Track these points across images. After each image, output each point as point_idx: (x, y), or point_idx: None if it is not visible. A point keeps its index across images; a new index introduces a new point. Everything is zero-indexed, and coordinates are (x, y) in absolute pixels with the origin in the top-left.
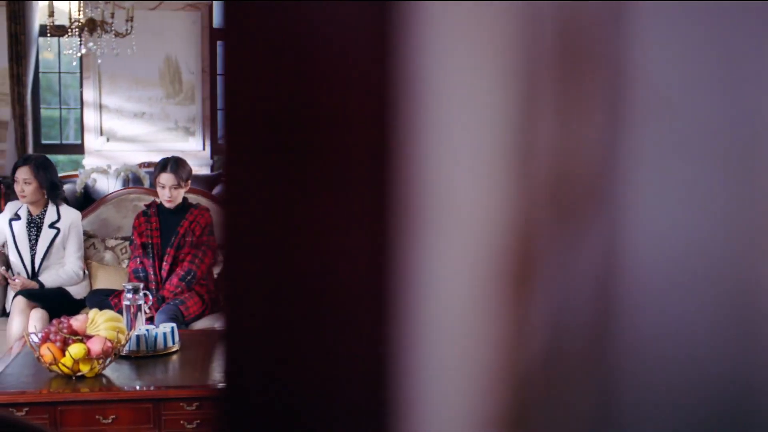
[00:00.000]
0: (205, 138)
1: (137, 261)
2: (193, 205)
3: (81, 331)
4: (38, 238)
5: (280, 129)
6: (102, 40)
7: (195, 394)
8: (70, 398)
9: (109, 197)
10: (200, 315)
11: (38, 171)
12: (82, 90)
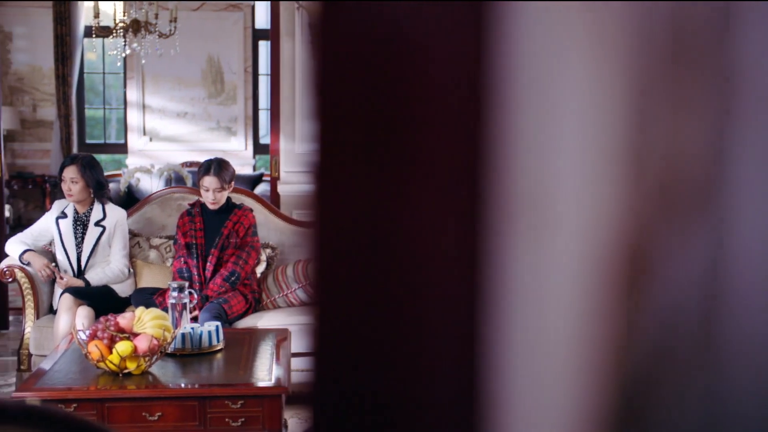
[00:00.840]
0: (246, 138)
1: (181, 261)
2: (236, 205)
3: (128, 329)
4: (84, 236)
5: (373, 129)
6: (146, 40)
7: (240, 392)
8: (118, 395)
9: (153, 196)
10: (243, 314)
11: (85, 170)
12: (126, 90)
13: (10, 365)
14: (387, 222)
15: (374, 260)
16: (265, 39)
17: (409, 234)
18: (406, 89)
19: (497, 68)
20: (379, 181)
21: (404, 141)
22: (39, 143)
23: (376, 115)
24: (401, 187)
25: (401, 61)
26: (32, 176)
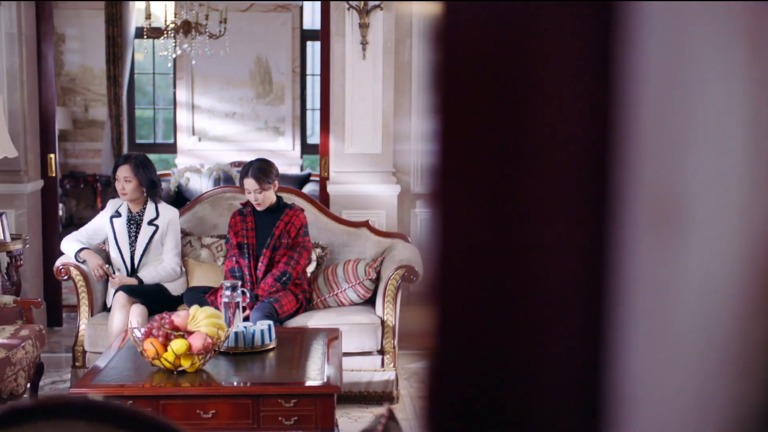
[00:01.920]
0: (294, 138)
1: (233, 260)
2: (288, 205)
3: (182, 327)
4: (138, 235)
5: (497, 128)
6: (196, 41)
7: (293, 391)
8: (172, 392)
9: (204, 196)
10: (294, 313)
11: (138, 169)
12: (176, 90)
13: (63, 362)
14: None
15: (497, 261)
16: (312, 39)
17: (533, 234)
18: (531, 89)
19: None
20: (503, 180)
21: (528, 141)
22: (90, 143)
23: (499, 115)
24: (525, 187)
25: (525, 60)
26: (84, 175)
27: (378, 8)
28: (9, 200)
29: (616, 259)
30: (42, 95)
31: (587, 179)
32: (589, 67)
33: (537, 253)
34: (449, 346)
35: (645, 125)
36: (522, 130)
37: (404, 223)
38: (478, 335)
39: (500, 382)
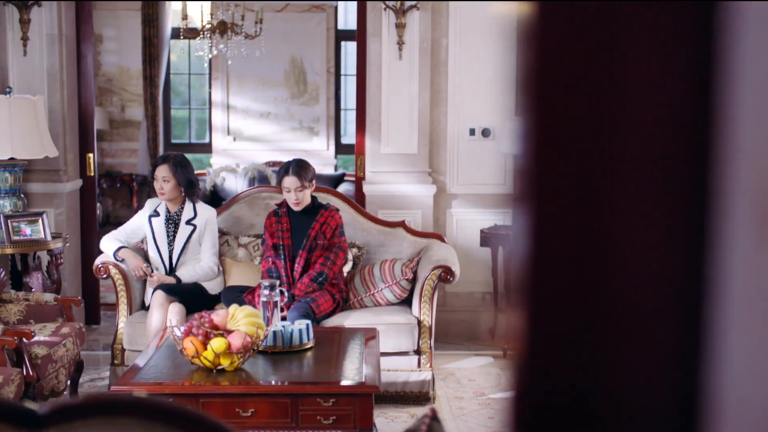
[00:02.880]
0: (328, 138)
1: (269, 261)
2: (323, 205)
3: (222, 326)
4: (176, 234)
5: (591, 130)
6: (232, 41)
7: (332, 390)
8: (212, 391)
9: (241, 195)
10: (331, 313)
11: (176, 169)
12: (211, 90)
13: (101, 359)
14: (605, 221)
15: (590, 260)
16: (347, 39)
17: (628, 233)
18: (627, 89)
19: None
20: (597, 180)
21: (624, 140)
22: (127, 143)
23: (593, 115)
24: (620, 186)
25: (622, 61)
26: (120, 175)
27: (414, 8)
28: (49, 199)
29: (715, 257)
30: (81, 95)
31: (685, 177)
32: (687, 66)
33: (632, 252)
34: (540, 347)
35: (745, 121)
36: (617, 129)
37: (440, 223)
38: (571, 335)
39: (592, 384)
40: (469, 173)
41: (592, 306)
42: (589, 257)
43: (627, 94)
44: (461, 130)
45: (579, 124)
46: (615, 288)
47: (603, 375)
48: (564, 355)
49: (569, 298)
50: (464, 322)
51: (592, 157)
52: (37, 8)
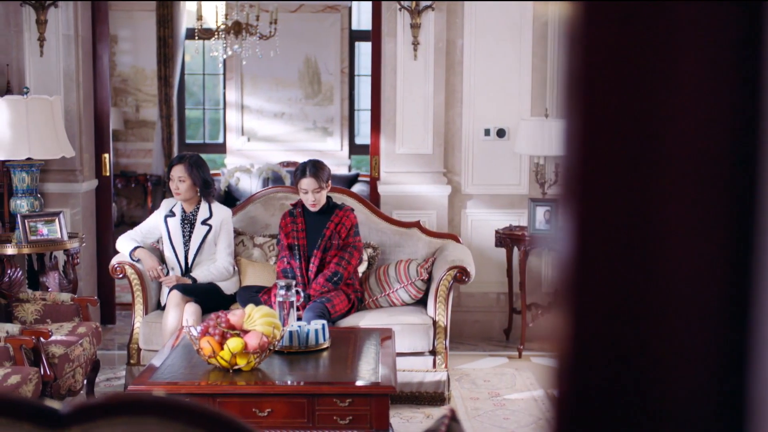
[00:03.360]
0: (342, 138)
1: (284, 261)
2: (338, 205)
3: (238, 326)
4: (191, 234)
5: (639, 130)
6: (246, 42)
7: (348, 390)
8: (228, 390)
9: (257, 195)
10: (346, 313)
11: (192, 169)
12: (225, 91)
13: (116, 359)
14: (650, 224)
15: (635, 262)
16: (361, 40)
17: (673, 236)
18: (673, 90)
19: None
20: (642, 182)
21: (670, 142)
22: (141, 143)
23: (640, 115)
24: (665, 189)
25: (668, 62)
26: (135, 175)
27: (429, 8)
28: (65, 199)
29: (759, 262)
30: (97, 96)
31: (731, 179)
32: (734, 67)
33: (678, 254)
34: (585, 349)
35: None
36: (663, 130)
37: (454, 224)
38: (616, 337)
39: (637, 385)
40: (483, 174)
41: (637, 308)
42: (634, 258)
43: (673, 95)
44: (476, 130)
45: (625, 125)
46: (660, 290)
47: (647, 377)
48: (608, 358)
49: (614, 299)
50: (479, 322)
51: (637, 158)
52: (53, 9)
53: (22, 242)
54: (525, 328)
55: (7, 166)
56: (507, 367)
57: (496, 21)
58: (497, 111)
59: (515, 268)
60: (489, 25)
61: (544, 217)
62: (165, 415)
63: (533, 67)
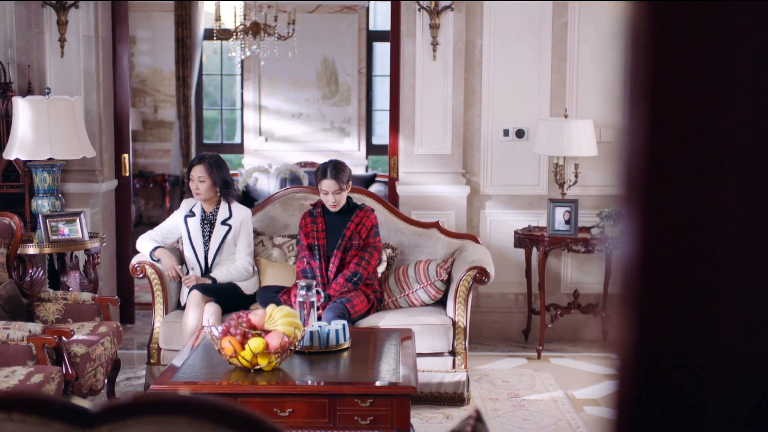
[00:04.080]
0: (360, 138)
1: (304, 261)
2: (358, 206)
3: (259, 326)
4: (211, 234)
5: (703, 134)
6: (264, 42)
7: (369, 390)
8: (250, 390)
9: (276, 196)
10: (366, 313)
11: (212, 169)
12: (243, 91)
13: (136, 358)
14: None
15: (699, 264)
16: (378, 40)
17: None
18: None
19: None
20: (707, 183)
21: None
22: (159, 143)
23: (705, 116)
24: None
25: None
26: (153, 175)
27: (449, 9)
28: (85, 199)
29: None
30: (117, 96)
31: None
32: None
33: (743, 256)
34: (649, 353)
35: None
36: (728, 131)
37: (473, 224)
38: (680, 340)
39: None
40: (502, 174)
41: (700, 309)
42: (699, 261)
43: (737, 96)
44: (495, 130)
45: (690, 126)
46: (724, 291)
47: (711, 378)
48: (672, 360)
49: (677, 301)
50: (497, 323)
51: (701, 158)
52: (74, 10)
53: (44, 242)
54: (544, 328)
55: (29, 166)
56: (526, 367)
57: (516, 21)
58: (516, 111)
59: (534, 268)
60: (508, 26)
61: (563, 218)
62: (194, 415)
63: (552, 67)
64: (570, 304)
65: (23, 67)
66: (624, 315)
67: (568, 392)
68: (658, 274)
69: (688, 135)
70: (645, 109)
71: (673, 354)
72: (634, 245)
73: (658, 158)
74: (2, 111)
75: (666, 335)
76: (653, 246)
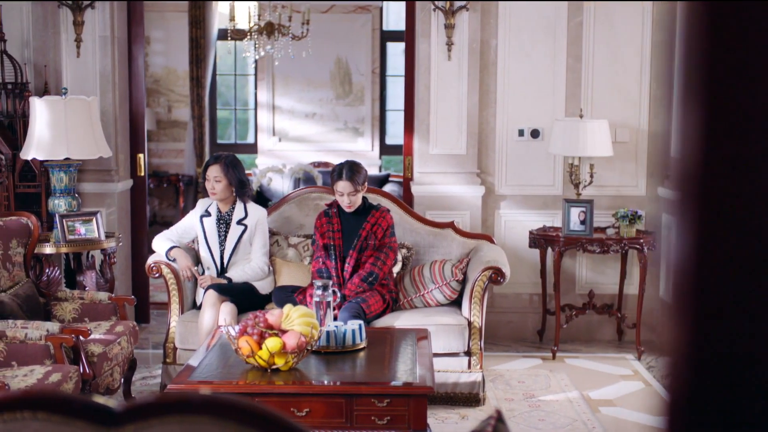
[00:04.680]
0: (373, 138)
1: (320, 261)
2: (374, 206)
3: (276, 326)
4: (227, 234)
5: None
6: (278, 42)
7: (386, 390)
8: (267, 390)
9: (291, 196)
10: (381, 313)
11: (228, 169)
12: (257, 91)
13: (151, 358)
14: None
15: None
16: (392, 40)
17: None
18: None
19: None
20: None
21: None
22: (173, 143)
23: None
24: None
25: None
26: (167, 175)
27: (464, 9)
28: (101, 199)
29: None
30: (132, 96)
31: None
32: None
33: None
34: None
35: None
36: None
37: (488, 224)
38: (737, 344)
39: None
40: (517, 174)
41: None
42: (755, 263)
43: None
44: (510, 130)
45: (746, 127)
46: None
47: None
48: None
49: (736, 305)
50: (512, 323)
51: (758, 158)
52: (90, 10)
53: (60, 242)
54: (559, 329)
55: (46, 166)
56: (541, 368)
57: (531, 21)
58: (531, 111)
59: (549, 269)
60: (523, 25)
61: (578, 218)
62: (218, 414)
63: (568, 66)
64: (585, 305)
65: (39, 68)
66: (678, 318)
67: (584, 393)
68: (714, 276)
69: (744, 136)
70: (701, 110)
71: (728, 357)
72: (689, 247)
73: (714, 160)
74: (19, 111)
75: (721, 338)
76: (708, 248)
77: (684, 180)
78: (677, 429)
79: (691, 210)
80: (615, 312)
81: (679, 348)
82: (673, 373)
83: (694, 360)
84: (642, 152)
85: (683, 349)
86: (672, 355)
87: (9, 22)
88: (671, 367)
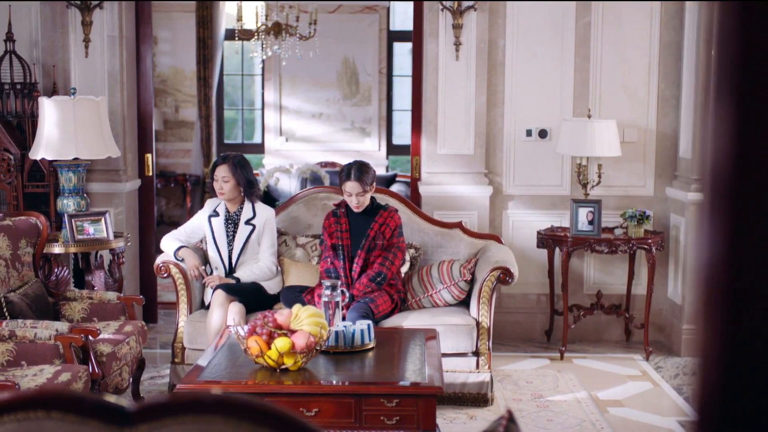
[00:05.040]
0: (380, 138)
1: (328, 261)
2: (382, 206)
3: (285, 326)
4: (235, 234)
5: None
6: (286, 42)
7: (395, 390)
8: (276, 390)
9: (299, 196)
10: (389, 313)
11: (236, 169)
12: (264, 91)
13: (159, 357)
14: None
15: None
16: (399, 40)
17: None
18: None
19: None
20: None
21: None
22: (180, 143)
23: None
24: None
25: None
26: (174, 175)
27: (471, 9)
28: (109, 199)
29: None
30: (140, 96)
31: None
32: None
33: None
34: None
35: None
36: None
37: (496, 225)
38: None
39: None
40: (525, 174)
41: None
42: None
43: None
44: (518, 130)
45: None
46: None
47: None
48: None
49: (765, 305)
50: (520, 323)
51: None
52: (98, 10)
53: (69, 241)
54: (566, 329)
55: (54, 166)
56: (549, 368)
57: (539, 21)
58: (539, 111)
59: (557, 269)
60: (531, 26)
61: (586, 218)
62: (231, 414)
63: (575, 67)
64: (593, 305)
65: (48, 68)
66: (708, 319)
67: (592, 393)
68: (744, 277)
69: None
70: (734, 110)
71: (761, 358)
72: (720, 248)
73: (746, 160)
74: (28, 111)
75: (753, 339)
76: (740, 249)
77: (715, 181)
78: (707, 429)
79: (723, 211)
80: (623, 312)
81: (710, 349)
82: (703, 375)
83: (726, 362)
84: (650, 152)
85: (714, 351)
86: (702, 357)
87: (18, 22)
88: (701, 368)
